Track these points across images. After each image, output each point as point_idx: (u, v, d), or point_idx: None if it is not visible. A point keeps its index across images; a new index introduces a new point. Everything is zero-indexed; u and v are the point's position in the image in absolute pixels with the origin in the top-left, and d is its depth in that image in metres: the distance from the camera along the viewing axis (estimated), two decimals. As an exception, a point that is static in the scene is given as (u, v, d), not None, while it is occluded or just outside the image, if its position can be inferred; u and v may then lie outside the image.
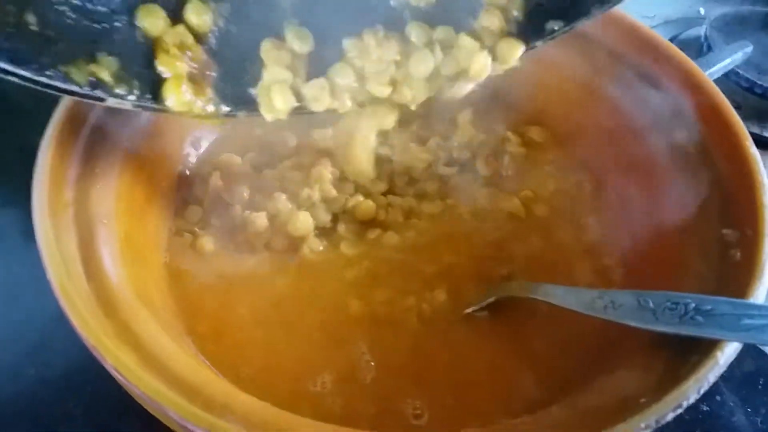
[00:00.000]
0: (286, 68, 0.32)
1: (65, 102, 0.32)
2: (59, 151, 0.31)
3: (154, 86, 0.30)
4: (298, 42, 0.31)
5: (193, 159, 0.41)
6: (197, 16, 0.30)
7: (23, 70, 0.27)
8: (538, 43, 0.33)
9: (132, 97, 0.30)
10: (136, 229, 0.33)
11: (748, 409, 0.39)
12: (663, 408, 0.24)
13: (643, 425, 0.24)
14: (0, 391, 0.38)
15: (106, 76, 0.29)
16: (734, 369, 0.39)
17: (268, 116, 0.32)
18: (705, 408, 0.39)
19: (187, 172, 0.40)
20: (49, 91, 0.28)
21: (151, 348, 0.26)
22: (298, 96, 0.32)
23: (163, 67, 0.30)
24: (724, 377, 0.38)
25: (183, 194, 0.39)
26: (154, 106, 0.30)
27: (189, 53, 0.30)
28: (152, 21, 0.29)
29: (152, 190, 0.36)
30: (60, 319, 0.39)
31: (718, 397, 0.39)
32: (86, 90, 0.29)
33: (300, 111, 0.32)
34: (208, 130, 0.42)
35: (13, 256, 0.43)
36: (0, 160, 0.49)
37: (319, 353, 0.32)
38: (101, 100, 0.29)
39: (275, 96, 0.31)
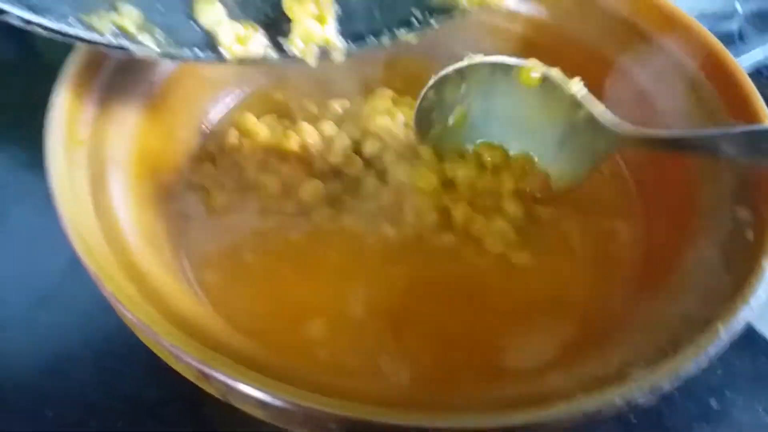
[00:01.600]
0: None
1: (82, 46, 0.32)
2: (76, 91, 0.31)
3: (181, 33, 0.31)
4: None
5: (211, 115, 0.42)
6: None
7: (43, 18, 0.27)
8: None
9: (155, 47, 0.30)
10: (148, 176, 0.34)
11: (759, 409, 0.38)
12: (659, 375, 0.24)
13: (637, 392, 0.24)
14: (12, 335, 0.38)
15: (129, 25, 0.29)
16: (747, 366, 0.39)
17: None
18: (715, 405, 0.38)
19: (204, 127, 0.41)
20: (72, 40, 0.29)
21: (152, 283, 0.27)
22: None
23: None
24: (735, 374, 0.38)
25: (198, 149, 0.40)
26: (185, 53, 0.31)
27: None
28: None
29: (167, 140, 0.37)
30: (72, 269, 0.40)
31: (728, 393, 0.38)
32: (109, 39, 0.29)
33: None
34: (227, 89, 0.43)
35: (33, 211, 0.45)
36: (26, 118, 0.50)
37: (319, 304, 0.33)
38: (126, 50, 0.29)
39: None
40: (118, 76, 0.34)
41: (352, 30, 0.32)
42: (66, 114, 0.30)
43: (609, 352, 0.28)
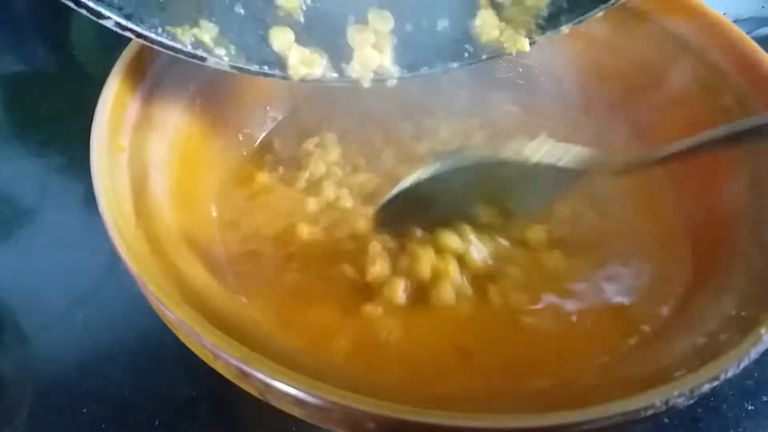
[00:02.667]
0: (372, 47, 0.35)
1: (128, 53, 0.34)
2: (120, 99, 0.32)
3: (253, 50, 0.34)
4: (381, 22, 0.35)
5: (250, 125, 0.43)
6: None
7: (136, 26, 0.31)
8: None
9: (227, 59, 0.33)
10: (187, 179, 0.34)
11: (797, 412, 0.37)
12: (699, 378, 0.24)
13: (677, 393, 0.23)
14: (51, 334, 0.39)
15: (207, 39, 0.33)
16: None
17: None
18: (750, 407, 0.37)
19: (240, 137, 0.42)
20: (156, 46, 0.32)
21: (192, 284, 0.27)
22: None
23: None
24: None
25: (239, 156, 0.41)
26: (253, 68, 0.34)
27: None
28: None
29: (207, 146, 0.37)
30: (109, 270, 0.41)
31: (765, 398, 0.38)
32: (189, 48, 0.32)
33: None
34: (263, 103, 0.44)
35: (71, 214, 0.46)
36: (64, 124, 0.52)
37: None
38: (202, 59, 0.33)
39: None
40: (158, 85, 0.35)
41: (407, 60, 0.36)
42: (109, 122, 0.31)
43: (651, 354, 0.27)
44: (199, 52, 0.32)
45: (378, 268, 0.34)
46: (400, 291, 0.33)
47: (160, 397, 0.37)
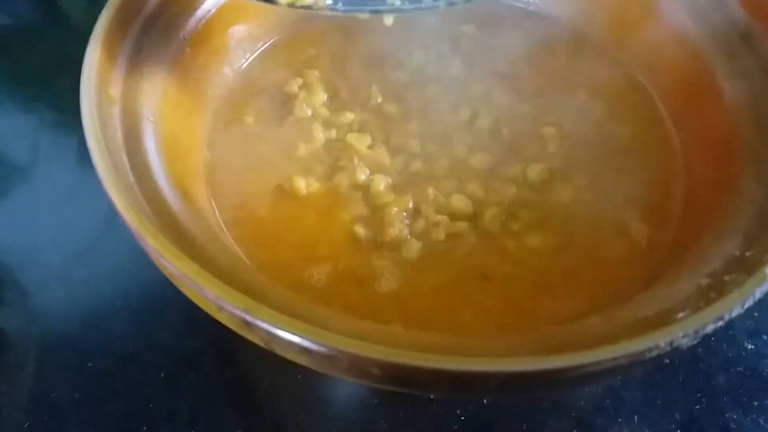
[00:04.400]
0: None
1: (112, 3, 0.32)
2: (107, 51, 0.31)
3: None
4: None
5: (236, 67, 0.42)
6: None
7: None
8: None
9: None
10: (179, 128, 0.34)
11: (797, 351, 0.37)
12: (703, 319, 0.24)
13: (681, 334, 0.23)
14: (52, 291, 0.39)
15: None
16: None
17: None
18: (750, 346, 0.38)
19: (228, 78, 0.41)
20: None
21: (191, 236, 0.27)
22: None
23: None
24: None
25: (228, 100, 0.40)
26: None
27: None
28: None
29: (197, 94, 0.37)
30: (106, 225, 0.41)
31: (764, 337, 0.38)
32: None
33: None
34: (252, 43, 0.43)
35: (65, 170, 0.45)
36: (53, 78, 0.51)
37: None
38: None
39: None
40: (145, 34, 0.34)
41: None
42: (98, 74, 0.30)
43: (655, 295, 0.27)
44: None
45: (397, 231, 0.34)
46: (416, 251, 0.33)
47: (164, 349, 0.37)
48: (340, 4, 0.32)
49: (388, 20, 0.33)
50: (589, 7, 0.42)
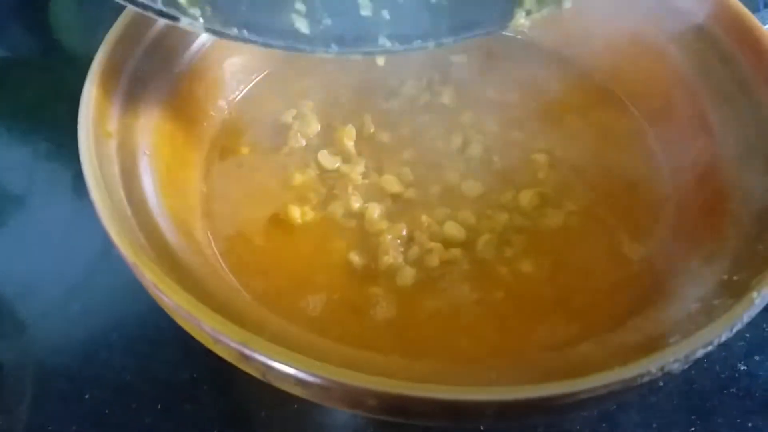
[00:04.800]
0: None
1: (109, 39, 0.33)
2: (104, 87, 0.32)
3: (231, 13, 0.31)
4: None
5: (231, 101, 0.42)
6: None
7: None
8: None
9: (202, 20, 0.30)
10: (175, 161, 0.34)
11: (789, 371, 0.38)
12: (694, 343, 0.24)
13: (672, 359, 0.24)
14: (46, 323, 0.39)
15: None
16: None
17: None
18: (743, 367, 0.38)
19: (227, 113, 0.41)
20: (128, 4, 0.30)
21: (187, 269, 0.27)
22: None
23: None
24: (766, 338, 0.38)
25: (223, 131, 0.40)
26: (231, 32, 0.31)
27: None
28: None
29: (192, 128, 0.37)
30: (103, 257, 0.41)
31: (757, 358, 0.38)
32: (160, 6, 0.30)
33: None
34: (247, 77, 0.44)
35: (61, 202, 0.45)
36: (49, 110, 0.51)
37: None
38: (174, 19, 0.30)
39: None
40: (143, 69, 0.34)
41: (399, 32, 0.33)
42: (95, 110, 0.31)
43: (646, 320, 0.28)
44: (171, 11, 0.30)
45: (391, 258, 0.34)
46: (410, 278, 0.34)
47: (161, 380, 0.37)
48: (334, 47, 0.32)
49: (380, 61, 0.34)
50: (578, 37, 0.43)
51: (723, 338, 0.25)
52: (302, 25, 0.31)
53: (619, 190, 0.37)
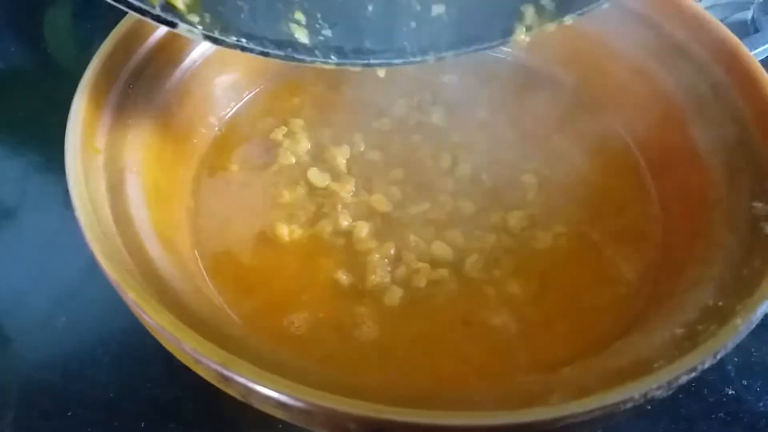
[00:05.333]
0: None
1: (100, 54, 0.33)
2: (93, 102, 0.32)
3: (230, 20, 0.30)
4: None
5: (223, 118, 0.42)
6: None
7: None
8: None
9: (201, 27, 0.30)
10: (163, 178, 0.34)
11: (776, 397, 0.38)
12: (677, 370, 0.24)
13: (655, 386, 0.24)
14: (31, 337, 0.39)
15: (179, 3, 0.29)
16: (764, 354, 0.39)
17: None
18: (731, 392, 0.38)
19: (217, 130, 0.41)
20: (124, 7, 0.29)
21: (171, 288, 0.27)
22: None
23: None
24: (752, 363, 0.38)
25: (213, 148, 0.41)
26: (230, 40, 0.30)
27: None
28: None
29: (182, 144, 0.37)
30: (91, 272, 0.41)
31: (744, 382, 0.38)
32: (158, 11, 0.29)
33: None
34: (238, 95, 0.44)
35: (50, 215, 0.45)
36: (42, 123, 0.51)
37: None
38: (172, 25, 0.29)
39: None
40: (132, 85, 0.34)
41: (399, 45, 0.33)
42: (83, 124, 0.30)
43: (631, 344, 0.28)
44: (169, 17, 0.29)
45: (378, 277, 0.34)
46: (397, 297, 0.34)
47: (145, 398, 0.36)
48: (333, 57, 0.32)
49: (381, 72, 0.34)
50: (568, 59, 0.43)
51: (707, 365, 0.25)
52: (302, 35, 0.31)
53: (607, 212, 0.37)
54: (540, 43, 0.42)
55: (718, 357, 0.25)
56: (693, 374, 0.24)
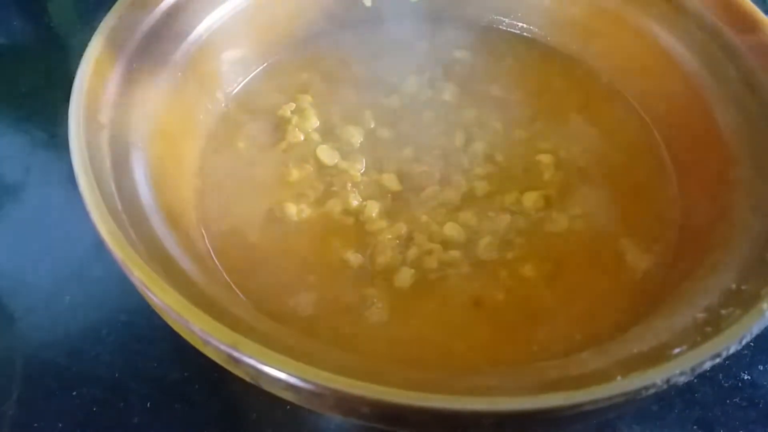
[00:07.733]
0: None
1: (103, 27, 0.32)
2: (97, 76, 0.31)
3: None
4: None
5: (230, 94, 0.42)
6: None
7: None
8: None
9: None
10: (169, 155, 0.33)
11: (792, 382, 0.37)
12: (701, 355, 0.23)
13: (678, 371, 0.23)
14: (36, 316, 0.39)
15: None
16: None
17: None
18: (746, 377, 0.37)
19: (224, 106, 0.41)
20: None
21: (178, 267, 0.26)
22: None
23: None
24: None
25: (219, 125, 0.40)
26: None
27: None
28: None
29: (187, 121, 0.36)
30: (96, 250, 0.40)
31: (761, 367, 0.37)
32: None
33: None
34: (245, 69, 0.43)
35: (56, 192, 0.45)
36: (46, 98, 0.50)
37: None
38: None
39: None
40: (137, 59, 0.33)
41: None
42: (87, 98, 0.30)
43: (650, 329, 0.27)
44: None
45: (389, 258, 0.33)
46: (408, 279, 0.33)
47: (151, 378, 0.36)
48: None
49: (367, 2, 0.32)
50: (584, 35, 0.42)
51: (732, 350, 0.24)
52: None
53: (624, 193, 0.37)
54: (558, 20, 0.42)
55: (744, 342, 0.24)
56: (717, 360, 0.24)
